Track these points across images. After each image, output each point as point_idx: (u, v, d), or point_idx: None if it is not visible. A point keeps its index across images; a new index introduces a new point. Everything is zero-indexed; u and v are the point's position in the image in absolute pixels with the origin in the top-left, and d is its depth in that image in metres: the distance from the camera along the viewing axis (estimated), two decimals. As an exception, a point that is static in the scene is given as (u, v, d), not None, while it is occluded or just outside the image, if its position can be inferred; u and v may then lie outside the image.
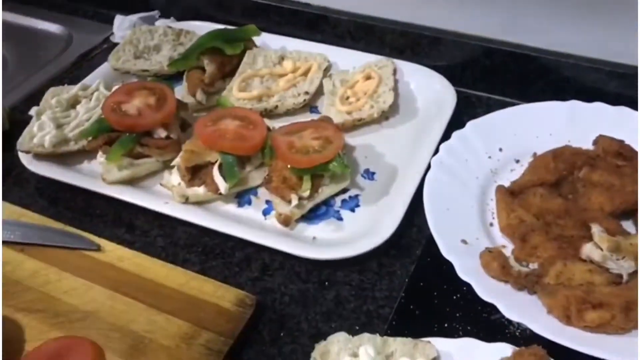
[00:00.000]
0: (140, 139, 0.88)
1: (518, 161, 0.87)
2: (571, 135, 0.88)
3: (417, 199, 0.81)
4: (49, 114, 0.93)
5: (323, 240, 0.80)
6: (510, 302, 0.67)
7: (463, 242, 0.75)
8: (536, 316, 0.66)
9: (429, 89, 1.00)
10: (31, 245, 0.78)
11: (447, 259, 0.72)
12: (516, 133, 0.89)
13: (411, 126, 0.96)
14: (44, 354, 0.63)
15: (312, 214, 0.83)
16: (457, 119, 0.94)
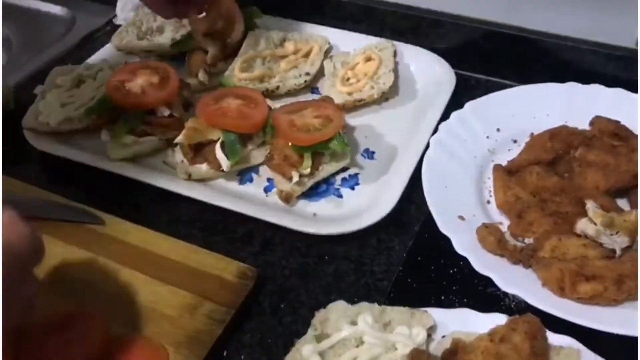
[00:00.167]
0: (143, 117, 0.89)
1: (515, 141, 0.89)
2: (568, 116, 0.89)
3: (416, 177, 0.83)
4: (53, 92, 0.94)
5: (323, 216, 0.81)
6: (506, 275, 0.69)
7: (460, 218, 0.76)
8: (531, 288, 0.68)
9: (429, 71, 1.01)
10: (36, 218, 0.79)
11: (444, 234, 0.74)
12: (514, 114, 0.91)
13: (410, 107, 0.98)
14: (49, 325, 0.64)
15: (313, 191, 0.84)
16: (457, 100, 0.95)
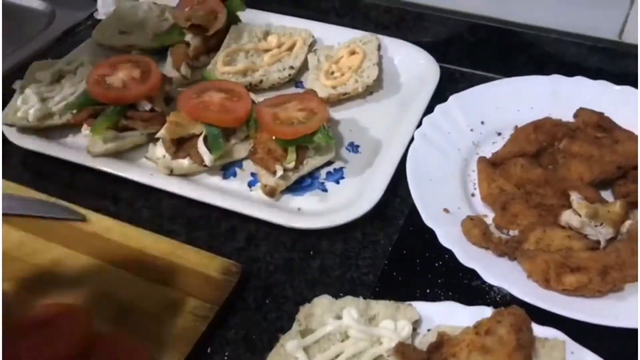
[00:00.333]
0: (125, 111, 0.87)
1: (500, 134, 0.89)
2: (552, 108, 0.89)
3: (401, 171, 0.82)
4: (33, 87, 0.92)
5: (308, 210, 0.81)
6: (491, 267, 0.69)
7: (445, 211, 0.76)
8: (516, 281, 0.68)
9: (413, 64, 1.01)
10: (16, 216, 0.78)
11: (429, 227, 0.74)
12: (498, 106, 0.91)
13: (395, 101, 0.97)
14: (34, 319, 0.63)
15: (297, 185, 0.84)
16: (441, 94, 0.95)
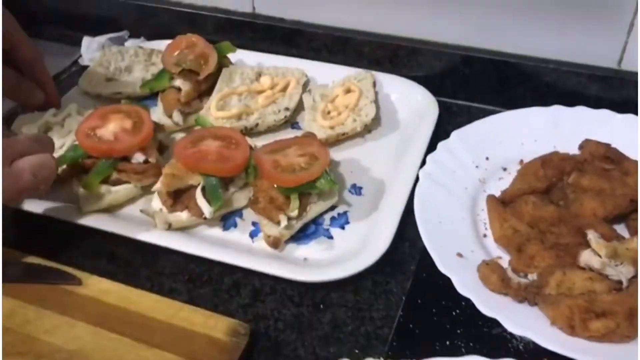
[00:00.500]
0: (117, 164, 0.84)
1: (505, 169, 0.86)
2: (556, 140, 0.88)
3: (407, 213, 0.80)
4: (18, 142, 0.89)
5: (314, 260, 0.77)
6: (512, 315, 0.66)
7: (459, 255, 0.73)
8: (539, 328, 0.65)
9: (410, 99, 0.99)
10: (6, 282, 0.74)
11: (442, 273, 0.71)
12: (501, 141, 0.89)
13: (395, 138, 0.95)
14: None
15: (301, 233, 0.81)
16: (440, 128, 0.93)
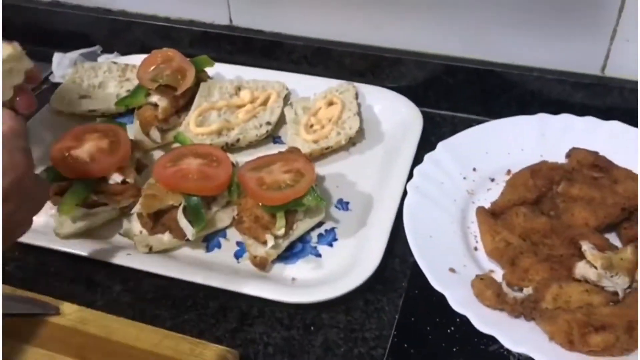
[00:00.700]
0: (94, 186, 0.80)
1: (493, 180, 0.85)
2: (543, 149, 0.87)
3: (396, 227, 0.78)
4: (-12, 165, 0.85)
5: (303, 280, 0.75)
6: (509, 332, 0.64)
7: (451, 270, 0.71)
8: (538, 344, 0.63)
9: (394, 111, 0.97)
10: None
11: (435, 289, 0.69)
12: (488, 151, 0.87)
13: (379, 150, 0.93)
14: None
15: (288, 252, 0.78)
16: (424, 139, 0.92)
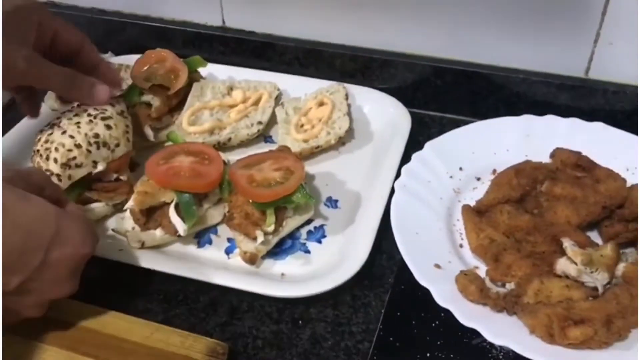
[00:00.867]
0: (87, 183, 0.82)
1: (479, 179, 0.87)
2: (528, 149, 0.88)
3: (383, 225, 0.79)
4: (-17, 162, 0.86)
5: (292, 276, 0.76)
6: (492, 325, 0.65)
7: (436, 266, 0.73)
8: (519, 337, 0.65)
9: (383, 111, 0.99)
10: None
11: (420, 284, 0.70)
12: (474, 151, 0.89)
13: (369, 150, 0.95)
14: None
15: (278, 248, 0.80)
16: (413, 139, 0.93)
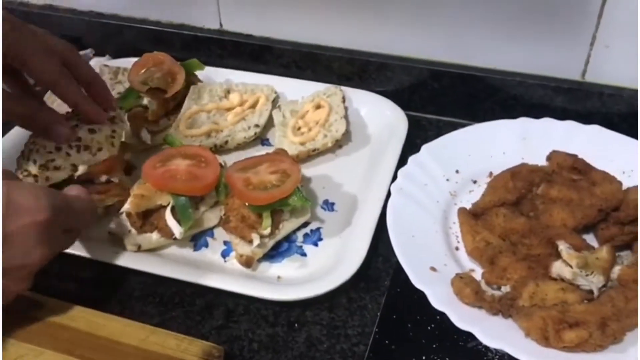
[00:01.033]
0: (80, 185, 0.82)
1: (475, 182, 0.87)
2: (524, 152, 0.89)
3: (380, 228, 0.79)
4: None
5: (288, 279, 0.76)
6: (487, 328, 0.65)
7: (432, 269, 0.73)
8: (514, 340, 0.65)
9: (380, 114, 0.99)
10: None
11: (416, 287, 0.70)
12: (470, 154, 0.89)
13: (365, 153, 0.95)
14: None
15: (274, 251, 0.80)
16: (410, 142, 0.94)
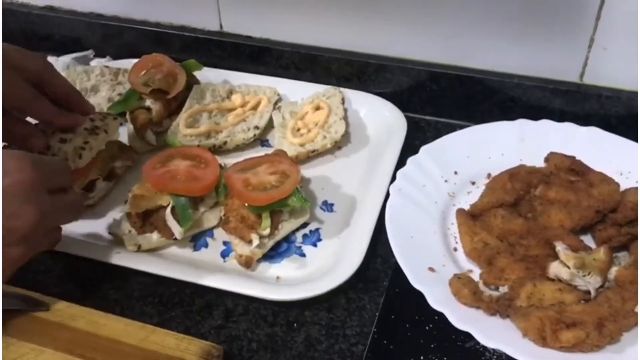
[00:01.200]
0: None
1: (474, 183, 0.88)
2: (522, 153, 0.89)
3: (378, 228, 0.80)
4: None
5: (287, 279, 0.77)
6: (485, 329, 0.66)
7: (430, 269, 0.74)
8: (512, 340, 0.65)
9: (379, 116, 0.99)
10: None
11: (415, 288, 0.71)
12: (469, 155, 0.90)
13: (364, 154, 0.95)
14: None
15: (273, 252, 0.80)
16: (408, 143, 0.94)
